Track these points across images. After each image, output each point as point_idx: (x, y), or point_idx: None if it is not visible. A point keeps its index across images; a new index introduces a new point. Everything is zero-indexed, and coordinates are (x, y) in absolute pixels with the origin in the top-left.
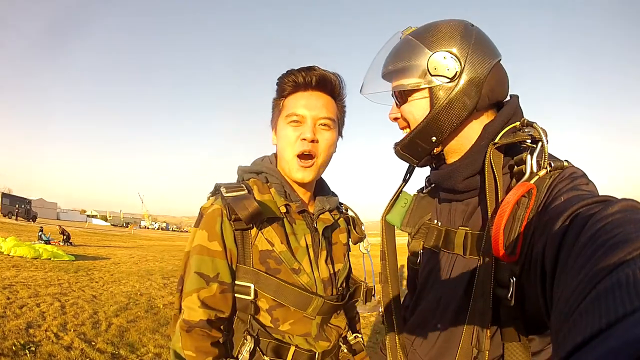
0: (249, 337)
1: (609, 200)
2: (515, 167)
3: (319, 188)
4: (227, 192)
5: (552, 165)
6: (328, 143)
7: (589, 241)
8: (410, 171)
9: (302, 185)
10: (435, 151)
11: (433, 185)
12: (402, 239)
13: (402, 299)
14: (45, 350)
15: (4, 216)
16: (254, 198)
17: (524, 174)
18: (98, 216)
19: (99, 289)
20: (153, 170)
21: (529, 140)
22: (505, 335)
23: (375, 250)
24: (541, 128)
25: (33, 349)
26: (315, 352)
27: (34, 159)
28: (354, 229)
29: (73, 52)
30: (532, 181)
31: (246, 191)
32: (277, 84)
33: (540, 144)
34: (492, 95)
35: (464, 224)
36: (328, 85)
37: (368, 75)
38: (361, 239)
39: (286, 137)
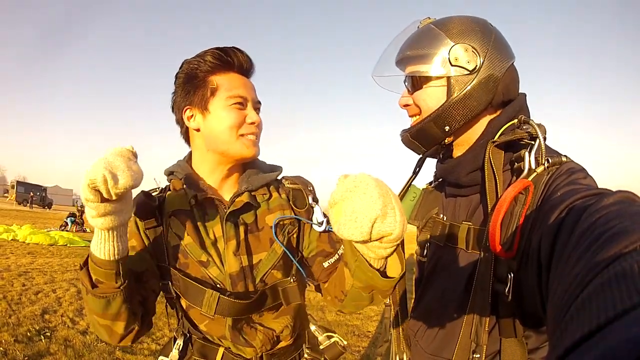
0: (180, 335)
1: (604, 193)
2: (516, 163)
3: (248, 168)
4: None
5: (550, 161)
6: (262, 125)
7: (585, 233)
8: (419, 164)
9: (228, 170)
10: (446, 141)
11: (440, 179)
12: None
13: (408, 292)
14: (61, 335)
15: (19, 204)
16: (147, 194)
17: (522, 170)
18: None
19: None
20: (169, 154)
21: (527, 138)
22: (502, 330)
23: None
24: (537, 125)
25: (48, 334)
26: (249, 358)
27: (49, 147)
28: (295, 203)
29: (90, 34)
30: (530, 178)
31: (157, 190)
32: (197, 59)
33: (537, 141)
34: (506, 93)
35: (468, 219)
36: (253, 70)
37: (382, 59)
38: (309, 214)
39: (230, 119)
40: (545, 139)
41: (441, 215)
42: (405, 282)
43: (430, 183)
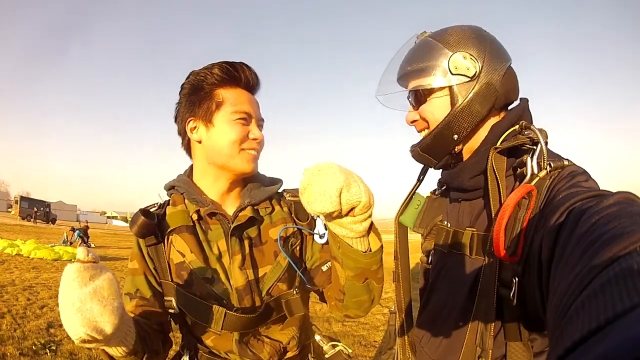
0: (185, 351)
1: (604, 194)
2: (519, 169)
3: (249, 182)
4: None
5: (552, 165)
6: (263, 142)
7: (585, 235)
8: (423, 172)
9: (230, 184)
10: (456, 149)
11: (445, 187)
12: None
13: (413, 299)
14: (67, 349)
15: (23, 219)
16: (145, 211)
17: (525, 175)
18: (118, 217)
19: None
20: (173, 170)
21: (529, 143)
22: (507, 334)
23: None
24: (539, 130)
25: (54, 348)
26: None
27: (53, 163)
28: (297, 216)
29: (93, 46)
30: (533, 182)
31: (156, 206)
32: (205, 71)
33: (539, 146)
34: (507, 95)
35: (471, 224)
36: (259, 87)
37: (383, 78)
38: (311, 227)
39: (235, 134)
40: (546, 143)
41: (445, 222)
42: (411, 290)
43: (434, 191)
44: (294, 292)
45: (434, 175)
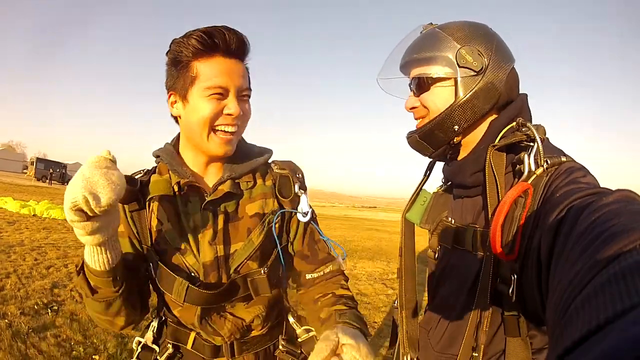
0: (155, 318)
1: (604, 191)
2: (517, 165)
3: (235, 152)
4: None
5: (549, 162)
6: (248, 115)
7: (585, 232)
8: (430, 168)
9: (209, 159)
10: (455, 140)
11: (449, 183)
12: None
13: (416, 294)
14: (68, 309)
15: (38, 180)
16: (129, 178)
17: (523, 172)
18: None
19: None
20: None
21: (526, 140)
22: (507, 330)
23: (382, 228)
24: (536, 126)
25: (56, 308)
26: (219, 345)
27: (72, 125)
28: (280, 191)
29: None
30: (530, 180)
31: (142, 173)
32: (183, 40)
33: (535, 143)
34: (510, 92)
35: (474, 221)
36: (245, 51)
37: (387, 63)
38: (294, 204)
39: (205, 111)
40: (542, 140)
41: (449, 218)
42: (415, 287)
43: (441, 186)
44: (262, 271)
45: (440, 171)
